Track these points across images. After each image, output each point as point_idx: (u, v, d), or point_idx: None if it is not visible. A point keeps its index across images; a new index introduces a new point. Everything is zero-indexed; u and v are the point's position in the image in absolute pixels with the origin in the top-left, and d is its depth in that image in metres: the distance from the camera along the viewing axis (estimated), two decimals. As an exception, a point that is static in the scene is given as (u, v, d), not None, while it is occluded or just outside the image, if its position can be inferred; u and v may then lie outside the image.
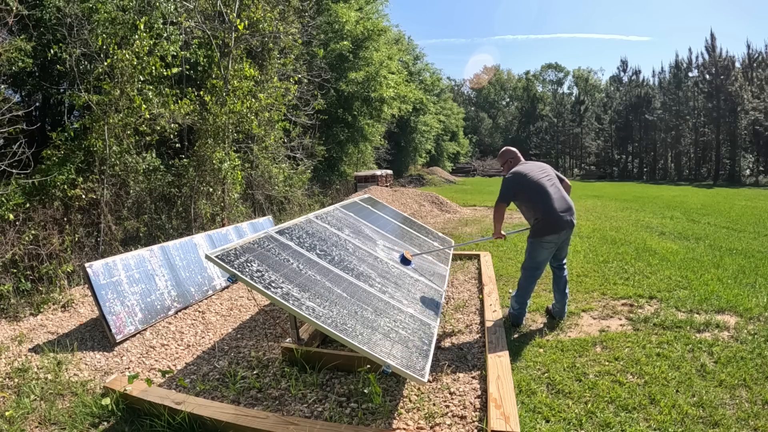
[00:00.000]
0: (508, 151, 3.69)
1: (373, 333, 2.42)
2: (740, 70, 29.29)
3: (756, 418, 2.22)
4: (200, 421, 2.25)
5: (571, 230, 3.36)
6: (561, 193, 3.38)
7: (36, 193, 5.03)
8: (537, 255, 3.34)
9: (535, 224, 3.31)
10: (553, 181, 3.43)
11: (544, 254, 3.34)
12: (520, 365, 2.87)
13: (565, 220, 3.25)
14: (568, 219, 3.27)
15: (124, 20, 5.64)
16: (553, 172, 3.54)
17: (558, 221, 3.23)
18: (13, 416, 2.41)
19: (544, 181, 3.34)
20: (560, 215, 3.24)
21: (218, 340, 3.51)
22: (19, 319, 3.78)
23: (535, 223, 3.31)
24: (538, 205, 3.28)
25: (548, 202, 3.25)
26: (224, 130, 6.71)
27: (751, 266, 5.01)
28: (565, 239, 3.40)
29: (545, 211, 3.24)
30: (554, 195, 3.29)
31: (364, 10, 16.13)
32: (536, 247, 3.33)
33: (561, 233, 3.28)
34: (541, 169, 3.47)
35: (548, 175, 3.43)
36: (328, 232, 3.71)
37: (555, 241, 3.30)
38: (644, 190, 20.39)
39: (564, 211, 3.27)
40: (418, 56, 31.70)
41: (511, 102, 61.20)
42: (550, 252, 3.35)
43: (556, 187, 3.38)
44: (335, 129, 14.49)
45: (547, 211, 3.24)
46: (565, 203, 3.32)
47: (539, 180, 3.33)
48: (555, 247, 3.35)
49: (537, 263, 3.37)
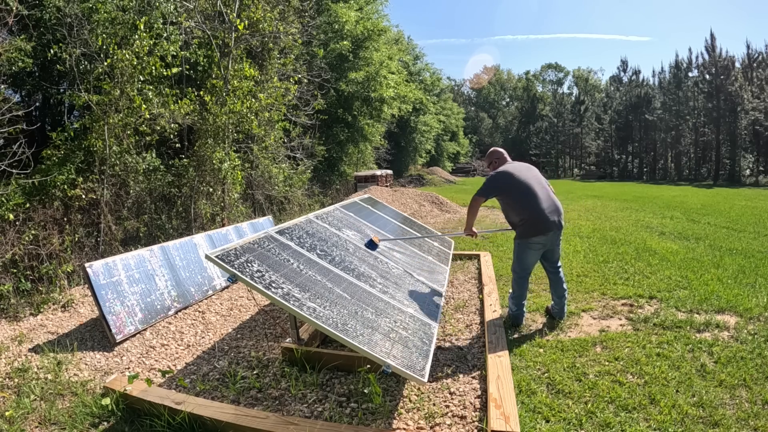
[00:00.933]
0: (495, 151, 3.67)
1: (374, 333, 2.42)
2: (740, 70, 29.28)
3: (756, 418, 2.22)
4: (200, 421, 2.25)
5: (560, 231, 3.32)
6: (548, 193, 3.34)
7: (36, 193, 5.03)
8: (524, 257, 3.32)
9: (522, 225, 3.27)
10: (540, 181, 3.40)
11: (532, 256, 3.32)
12: (520, 365, 2.87)
13: (552, 221, 3.22)
14: (555, 220, 3.23)
15: (124, 20, 5.63)
16: (539, 173, 3.52)
17: (545, 222, 3.20)
18: (13, 416, 2.41)
19: (532, 181, 3.31)
20: (547, 216, 3.20)
21: (218, 340, 3.51)
22: (19, 319, 3.78)
23: (521, 223, 3.27)
24: (525, 205, 3.23)
25: (535, 202, 3.21)
26: (224, 130, 6.71)
27: (751, 266, 5.01)
28: (555, 241, 3.34)
29: (532, 212, 3.21)
30: (541, 195, 3.26)
31: (364, 10, 16.12)
32: (523, 248, 3.31)
33: (548, 234, 3.24)
34: (528, 169, 3.45)
35: (535, 176, 3.41)
36: (328, 232, 3.71)
37: (542, 243, 3.27)
38: (644, 190, 20.39)
39: (551, 212, 3.23)
40: (418, 56, 31.74)
41: (511, 102, 61.18)
42: (538, 253, 3.33)
43: (543, 187, 3.34)
44: (335, 129, 14.49)
45: (534, 212, 3.20)
46: (553, 204, 3.29)
47: (527, 180, 3.30)
48: (543, 249, 3.32)
49: (525, 265, 3.35)
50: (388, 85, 15.69)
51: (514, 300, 3.48)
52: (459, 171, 39.43)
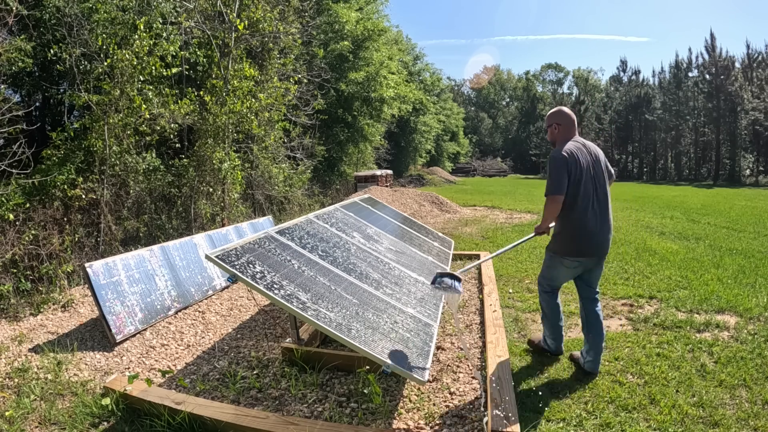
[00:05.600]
0: (563, 114, 2.70)
1: (374, 333, 2.42)
2: (740, 70, 29.29)
3: (756, 418, 2.22)
4: (200, 421, 2.25)
5: (605, 255, 2.69)
6: (608, 204, 2.63)
7: (36, 193, 5.03)
8: (555, 273, 2.76)
9: (561, 236, 2.65)
10: (605, 184, 2.65)
11: (564, 275, 2.75)
12: (521, 365, 2.87)
13: (601, 243, 2.60)
14: (604, 241, 2.61)
15: (123, 20, 5.63)
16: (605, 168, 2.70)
17: (591, 243, 2.58)
18: (13, 416, 2.41)
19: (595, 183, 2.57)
20: (597, 235, 2.56)
21: (218, 340, 3.51)
22: (19, 319, 3.78)
23: (561, 234, 2.65)
24: (576, 214, 2.53)
25: (589, 214, 2.53)
26: (224, 130, 6.71)
27: (751, 266, 5.01)
28: (598, 263, 2.71)
29: (581, 225, 2.54)
30: (600, 206, 2.57)
31: (364, 10, 16.12)
32: (555, 262, 2.72)
33: (592, 258, 2.63)
34: (597, 163, 2.62)
35: (601, 174, 2.62)
36: (328, 232, 3.71)
37: (582, 264, 2.65)
38: (644, 190, 20.39)
39: (603, 232, 2.58)
40: (418, 56, 31.69)
41: (511, 102, 61.20)
42: (573, 273, 2.72)
43: (605, 195, 2.63)
44: (335, 129, 14.49)
45: (582, 226, 2.54)
46: (608, 221, 2.61)
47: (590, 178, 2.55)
48: (581, 269, 2.69)
49: (552, 279, 2.80)
50: (388, 86, 15.68)
51: (546, 325, 2.90)
52: (459, 171, 39.43)
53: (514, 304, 4.04)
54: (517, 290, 4.35)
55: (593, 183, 2.57)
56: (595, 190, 2.56)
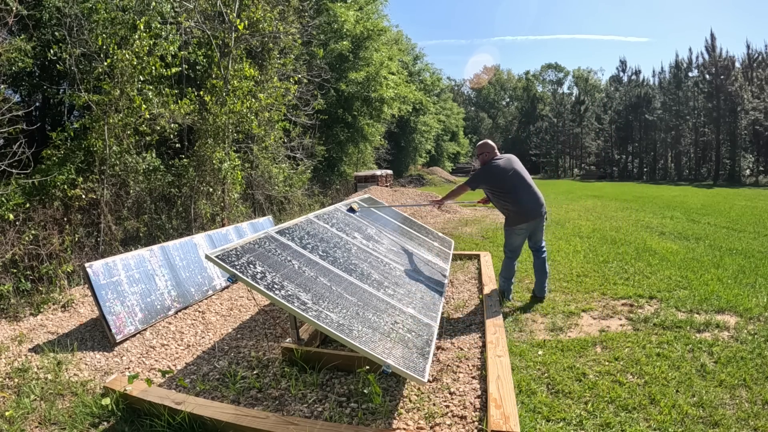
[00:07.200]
0: (486, 144, 4.06)
1: (374, 333, 2.42)
2: (740, 70, 29.27)
3: (756, 418, 2.22)
4: (200, 421, 2.25)
5: (542, 219, 3.87)
6: (532, 187, 3.86)
7: (36, 193, 5.03)
8: (512, 240, 3.94)
9: (509, 214, 3.86)
10: (525, 174, 3.89)
11: (518, 239, 3.92)
12: (520, 365, 2.87)
13: (536, 211, 3.80)
14: (538, 210, 3.81)
15: (123, 20, 5.63)
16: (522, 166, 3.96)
17: (529, 212, 3.78)
18: (13, 416, 2.41)
19: (518, 176, 3.83)
20: (531, 207, 3.79)
21: (218, 340, 3.51)
22: (19, 319, 3.78)
23: (509, 213, 3.85)
24: (512, 198, 3.79)
25: (521, 196, 3.78)
26: (224, 130, 6.71)
27: (751, 266, 5.01)
28: (538, 227, 3.89)
29: (518, 204, 3.77)
30: (526, 189, 3.81)
31: (363, 10, 16.12)
32: (510, 233, 3.93)
33: (531, 222, 3.81)
34: (514, 164, 3.91)
35: (521, 170, 3.89)
36: (328, 232, 3.71)
37: (527, 229, 3.85)
38: (644, 190, 20.39)
39: (535, 204, 3.80)
40: (418, 56, 31.71)
41: (511, 102, 61.19)
42: (524, 237, 3.92)
43: (527, 181, 3.86)
44: (335, 129, 14.49)
45: (520, 204, 3.77)
46: (536, 196, 3.83)
47: (514, 175, 3.82)
48: (527, 233, 3.90)
49: (513, 247, 3.96)
50: (388, 86, 15.69)
51: (503, 275, 4.08)
52: (459, 171, 39.44)
53: (514, 303, 4.04)
54: (516, 290, 4.35)
55: (518, 175, 3.84)
56: (521, 179, 3.84)
